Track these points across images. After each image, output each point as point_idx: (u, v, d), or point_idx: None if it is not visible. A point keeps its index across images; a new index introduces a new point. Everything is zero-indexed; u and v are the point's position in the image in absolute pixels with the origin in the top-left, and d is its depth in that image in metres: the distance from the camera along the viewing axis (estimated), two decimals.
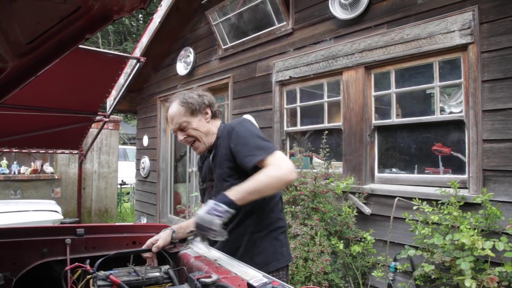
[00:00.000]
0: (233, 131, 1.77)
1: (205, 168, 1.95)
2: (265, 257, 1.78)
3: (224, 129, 1.87)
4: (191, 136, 1.85)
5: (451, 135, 3.14)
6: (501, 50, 2.66)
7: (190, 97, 1.85)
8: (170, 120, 1.88)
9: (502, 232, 2.48)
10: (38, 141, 4.77)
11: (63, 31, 1.05)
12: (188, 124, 1.83)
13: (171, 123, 1.87)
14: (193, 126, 1.83)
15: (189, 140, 1.86)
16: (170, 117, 1.87)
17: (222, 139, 1.85)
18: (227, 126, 1.86)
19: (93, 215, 8.28)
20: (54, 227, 1.72)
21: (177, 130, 1.87)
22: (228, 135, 1.79)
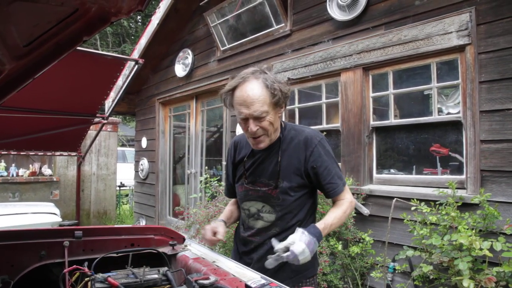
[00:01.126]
0: (314, 147, 1.65)
1: (256, 167, 1.72)
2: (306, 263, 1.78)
3: (290, 132, 1.71)
4: (264, 129, 1.58)
5: (449, 136, 3.14)
6: (498, 51, 2.67)
7: (278, 83, 1.58)
8: (246, 101, 1.54)
9: (500, 232, 2.49)
10: (36, 143, 4.77)
11: (61, 33, 1.05)
12: (267, 116, 1.56)
13: (246, 106, 1.54)
14: (271, 119, 1.58)
15: (258, 134, 1.59)
16: (249, 99, 1.54)
17: (288, 144, 1.68)
18: (295, 129, 1.73)
19: (92, 217, 8.27)
20: (52, 230, 1.72)
21: (251, 118, 1.56)
22: (304, 146, 1.66)
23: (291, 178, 1.66)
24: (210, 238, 1.69)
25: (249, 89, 1.55)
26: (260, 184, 1.71)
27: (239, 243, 1.90)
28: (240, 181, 1.79)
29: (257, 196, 1.72)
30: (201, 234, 1.74)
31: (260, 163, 1.71)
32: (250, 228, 1.79)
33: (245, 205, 1.79)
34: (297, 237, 1.47)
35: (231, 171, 1.89)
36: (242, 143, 1.83)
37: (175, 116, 6.96)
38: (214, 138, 6.50)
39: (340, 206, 1.69)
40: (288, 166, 1.66)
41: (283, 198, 1.67)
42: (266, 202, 1.71)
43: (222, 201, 3.82)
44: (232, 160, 1.87)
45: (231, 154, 1.88)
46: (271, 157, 1.69)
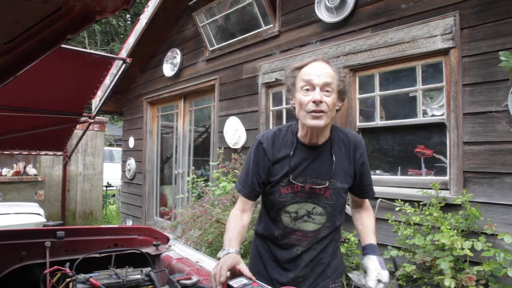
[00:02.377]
0: (363, 149, 1.68)
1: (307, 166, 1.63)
2: (337, 262, 1.81)
3: (337, 133, 1.68)
4: (327, 105, 1.51)
5: (433, 138, 3.19)
6: (481, 55, 2.71)
7: (346, 75, 1.68)
8: (316, 72, 1.52)
9: (481, 232, 2.53)
10: (20, 143, 4.70)
11: (44, 31, 1.04)
12: (332, 93, 1.52)
13: (316, 75, 1.52)
14: (334, 101, 1.53)
15: (321, 107, 1.50)
16: (319, 69, 1.53)
17: (338, 144, 1.66)
18: (340, 130, 1.71)
19: (78, 218, 8.18)
20: (34, 230, 1.70)
21: (319, 86, 1.51)
22: (353, 147, 1.66)
23: (344, 179, 1.65)
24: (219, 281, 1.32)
25: (321, 65, 1.56)
26: (312, 184, 1.62)
27: (274, 250, 1.72)
28: (284, 181, 1.63)
29: (307, 197, 1.63)
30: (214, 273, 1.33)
31: (311, 162, 1.62)
32: (295, 231, 1.67)
33: (292, 208, 1.65)
34: (378, 265, 1.52)
35: (265, 170, 1.66)
36: (279, 140, 1.68)
37: (163, 116, 6.93)
38: (202, 139, 6.49)
39: (372, 216, 1.79)
40: (341, 167, 1.63)
41: (335, 199, 1.64)
42: (317, 203, 1.64)
43: (208, 201, 3.82)
44: (269, 157, 1.65)
45: (267, 151, 1.66)
46: (323, 157, 1.63)
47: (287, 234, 1.68)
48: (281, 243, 1.70)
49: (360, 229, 1.75)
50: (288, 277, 1.68)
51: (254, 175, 1.67)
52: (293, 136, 1.66)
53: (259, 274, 1.68)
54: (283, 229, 1.68)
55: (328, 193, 1.62)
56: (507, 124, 2.58)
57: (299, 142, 1.64)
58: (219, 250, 3.77)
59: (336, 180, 1.62)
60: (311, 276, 1.69)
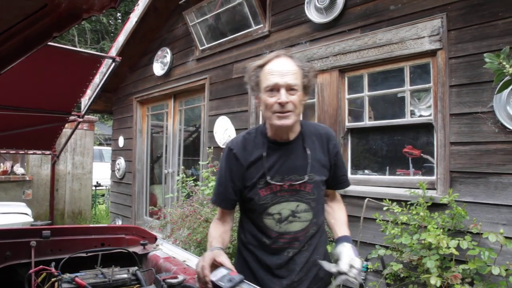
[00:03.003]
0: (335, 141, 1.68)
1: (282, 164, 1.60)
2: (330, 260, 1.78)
3: (308, 126, 1.68)
4: (293, 104, 1.51)
5: (421, 138, 3.22)
6: (467, 57, 2.75)
7: (310, 69, 1.58)
8: (280, 71, 1.51)
9: (467, 231, 2.57)
10: (8, 141, 4.64)
11: (29, 28, 1.03)
12: (298, 91, 1.52)
13: (280, 75, 1.50)
14: (299, 98, 1.53)
15: (287, 107, 1.50)
16: (283, 68, 1.51)
17: (310, 137, 1.64)
18: (310, 124, 1.72)
19: (66, 218, 8.10)
20: (19, 229, 1.69)
21: (283, 87, 1.49)
22: (326, 139, 1.66)
23: (321, 171, 1.62)
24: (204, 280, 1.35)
25: (284, 62, 1.53)
26: (291, 180, 1.57)
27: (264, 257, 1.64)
28: (261, 183, 1.58)
29: (289, 195, 1.58)
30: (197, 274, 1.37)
31: (286, 159, 1.59)
32: (283, 234, 1.60)
33: (274, 210, 1.59)
34: (352, 252, 1.48)
35: (238, 176, 1.62)
36: (249, 143, 1.64)
37: (153, 115, 6.90)
38: (192, 138, 6.48)
39: (343, 208, 1.78)
40: (317, 159, 1.62)
41: (317, 193, 1.61)
42: (300, 200, 1.59)
43: (197, 201, 3.81)
44: (242, 162, 1.61)
45: (238, 156, 1.62)
46: (297, 152, 1.60)
47: (274, 239, 1.60)
48: (270, 249, 1.62)
49: (332, 222, 1.71)
50: (283, 284, 1.60)
51: (228, 184, 1.63)
52: (263, 137, 1.63)
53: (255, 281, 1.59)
54: (269, 234, 1.61)
55: (309, 187, 1.59)
56: (492, 125, 2.62)
57: (270, 142, 1.61)
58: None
59: (314, 173, 1.60)
60: (305, 280, 1.62)
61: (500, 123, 2.57)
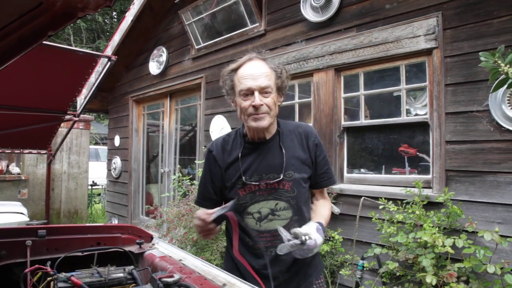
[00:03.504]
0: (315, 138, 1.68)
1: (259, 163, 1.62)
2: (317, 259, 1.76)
3: (285, 125, 1.70)
4: (268, 106, 1.54)
5: (417, 137, 3.23)
6: (463, 55, 2.76)
7: (283, 70, 1.62)
8: (252, 74, 1.54)
9: (462, 229, 2.58)
10: (3, 141, 4.62)
11: (23, 27, 1.02)
12: (272, 93, 1.56)
13: (252, 79, 1.53)
14: (274, 100, 1.57)
15: (262, 110, 1.54)
16: (255, 71, 1.54)
17: (287, 136, 1.66)
18: (289, 123, 1.73)
19: (62, 217, 8.08)
20: (14, 229, 1.68)
21: (257, 90, 1.53)
22: (305, 137, 1.67)
23: (301, 169, 1.63)
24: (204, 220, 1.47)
25: (256, 65, 1.57)
26: (268, 179, 1.59)
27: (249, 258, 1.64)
28: (239, 184, 1.61)
29: (267, 194, 1.60)
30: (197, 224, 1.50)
31: (262, 159, 1.62)
32: (263, 232, 1.61)
33: (253, 209, 1.62)
34: (314, 229, 1.44)
35: (218, 177, 1.68)
36: (229, 145, 1.69)
37: (149, 114, 6.88)
38: (188, 137, 6.47)
39: (327, 205, 1.73)
40: (296, 157, 1.63)
41: (297, 190, 1.61)
42: (279, 198, 1.60)
43: (193, 200, 3.81)
44: (220, 164, 1.67)
45: (217, 158, 1.68)
46: (273, 151, 1.63)
47: (256, 238, 1.61)
48: (254, 249, 1.63)
49: (312, 216, 1.68)
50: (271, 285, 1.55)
51: (209, 185, 1.70)
52: (241, 138, 1.68)
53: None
54: (250, 233, 1.62)
55: (287, 185, 1.60)
56: (488, 123, 2.63)
57: (247, 142, 1.65)
58: (204, 249, 3.76)
59: (292, 171, 1.61)
60: (295, 279, 1.64)
61: (496, 122, 2.58)
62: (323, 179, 1.71)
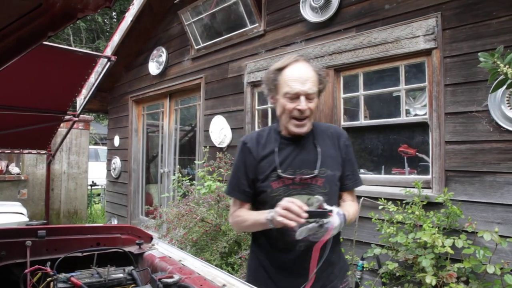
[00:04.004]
0: (345, 139, 1.71)
1: (294, 158, 1.64)
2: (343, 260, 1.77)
3: (318, 125, 1.74)
4: (311, 111, 1.58)
5: (416, 137, 3.23)
6: (462, 56, 2.76)
7: (324, 74, 1.65)
8: (301, 78, 1.57)
9: (462, 230, 2.58)
10: (3, 141, 4.62)
11: (23, 28, 1.02)
12: (315, 98, 1.60)
13: (300, 83, 1.56)
14: (316, 104, 1.61)
15: (306, 113, 1.58)
16: (305, 76, 1.57)
17: (320, 135, 1.69)
18: (321, 123, 1.78)
19: (62, 217, 8.07)
20: (14, 229, 1.68)
21: (303, 95, 1.56)
22: (336, 137, 1.70)
23: (335, 167, 1.66)
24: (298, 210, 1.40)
25: (304, 68, 1.59)
26: (302, 174, 1.61)
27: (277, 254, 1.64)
28: (273, 176, 1.62)
29: (300, 189, 1.61)
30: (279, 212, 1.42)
31: (297, 154, 1.64)
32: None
33: None
34: (336, 211, 1.43)
35: (251, 168, 1.68)
36: (263, 138, 1.71)
37: (149, 114, 6.88)
38: (188, 137, 6.47)
39: (354, 206, 1.71)
40: (329, 155, 1.65)
41: (330, 187, 1.62)
42: (311, 193, 1.60)
43: (193, 200, 3.81)
44: (254, 155, 1.67)
45: (252, 150, 1.69)
46: (308, 148, 1.66)
47: (285, 231, 1.55)
48: (282, 243, 1.61)
49: None
50: (298, 282, 1.55)
51: (243, 176, 1.69)
52: (276, 134, 1.70)
53: (264, 285, 1.61)
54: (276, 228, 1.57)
55: (320, 181, 1.61)
56: (487, 123, 2.64)
57: (283, 137, 1.67)
58: (203, 249, 3.75)
59: (326, 168, 1.62)
60: (320, 279, 1.60)
61: (495, 122, 2.58)
62: (350, 180, 1.72)
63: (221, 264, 3.39)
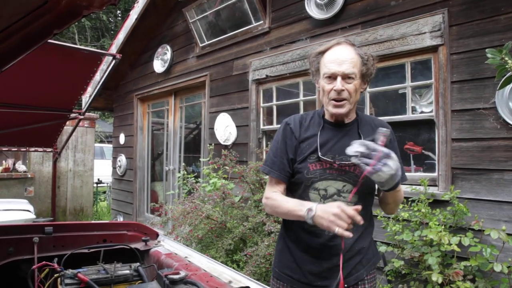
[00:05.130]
0: (391, 135, 1.64)
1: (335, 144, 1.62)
2: (372, 252, 1.73)
3: (364, 116, 1.73)
4: (349, 92, 1.56)
5: (422, 134, 3.22)
6: (469, 52, 2.74)
7: (370, 58, 1.61)
8: (338, 59, 1.56)
9: (469, 228, 2.57)
10: (9, 139, 4.65)
11: (29, 26, 1.02)
12: (355, 79, 1.56)
13: (337, 64, 1.56)
14: (356, 86, 1.57)
15: (343, 95, 1.56)
16: (341, 56, 1.57)
17: (365, 125, 1.67)
18: (367, 115, 1.76)
19: (68, 214, 8.12)
20: (22, 226, 1.69)
21: (339, 75, 1.55)
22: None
23: None
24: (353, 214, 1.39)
25: (343, 50, 1.58)
26: (341, 161, 1.58)
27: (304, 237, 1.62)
28: (312, 158, 1.61)
29: (337, 174, 1.59)
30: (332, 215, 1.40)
31: (339, 140, 1.63)
32: None
33: (320, 185, 1.60)
34: (396, 157, 1.42)
35: (292, 149, 1.67)
36: (306, 121, 1.70)
37: (154, 112, 6.90)
38: (193, 135, 6.48)
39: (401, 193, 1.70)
40: None
41: (366, 178, 1.55)
42: (347, 181, 1.58)
43: (198, 198, 3.82)
44: (297, 136, 1.67)
45: (294, 130, 1.68)
46: (351, 135, 1.63)
47: None
48: (311, 227, 1.54)
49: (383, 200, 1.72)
50: (323, 267, 1.56)
51: (283, 155, 1.67)
52: (319, 118, 1.68)
53: (288, 268, 1.63)
54: None
55: (358, 170, 1.57)
56: (494, 121, 2.62)
57: (326, 122, 1.66)
58: (209, 246, 3.76)
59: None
60: (347, 267, 1.57)
61: (502, 119, 2.56)
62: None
63: (226, 261, 3.40)
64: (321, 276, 1.56)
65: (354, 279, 1.60)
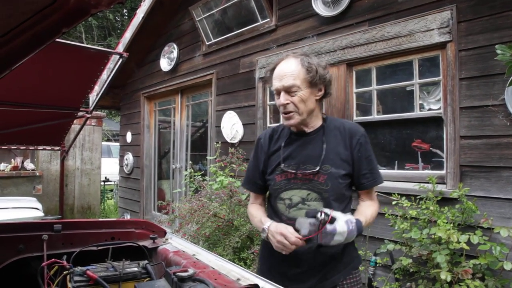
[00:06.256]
0: (360, 137, 1.67)
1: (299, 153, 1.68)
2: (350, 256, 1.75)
3: (332, 121, 1.73)
4: (294, 105, 1.60)
5: (430, 132, 3.19)
6: (478, 49, 2.71)
7: (316, 64, 1.63)
8: (279, 75, 1.62)
9: (478, 226, 2.55)
10: (18, 137, 4.69)
11: (38, 25, 1.03)
12: (298, 91, 1.60)
13: (279, 79, 1.62)
14: (303, 96, 1.60)
15: (288, 108, 1.61)
16: (282, 71, 1.62)
17: (331, 131, 1.69)
18: (337, 120, 1.77)
19: (76, 212, 8.19)
20: (31, 223, 1.70)
21: (282, 90, 1.61)
22: (349, 135, 1.68)
23: (339, 165, 1.64)
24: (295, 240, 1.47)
25: (285, 64, 1.64)
26: (305, 170, 1.64)
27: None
28: (278, 170, 1.69)
29: (301, 183, 1.64)
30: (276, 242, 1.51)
31: (302, 150, 1.68)
32: (291, 219, 1.60)
33: (286, 195, 1.67)
34: (343, 218, 1.44)
35: (262, 162, 1.78)
36: (277, 134, 1.79)
37: (160, 110, 6.92)
38: (199, 133, 6.49)
39: (372, 206, 1.72)
40: (335, 153, 1.65)
41: (331, 185, 1.61)
42: (312, 189, 1.63)
43: (205, 196, 3.82)
44: (265, 150, 1.77)
45: (263, 145, 1.79)
46: (315, 144, 1.67)
47: (284, 224, 1.59)
48: None
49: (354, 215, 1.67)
50: (295, 272, 1.66)
51: (255, 169, 1.81)
52: (288, 129, 1.76)
53: (272, 268, 1.72)
54: (281, 218, 1.67)
55: (322, 178, 1.62)
56: (503, 118, 2.59)
57: (292, 133, 1.73)
58: (216, 244, 3.76)
59: (329, 165, 1.63)
60: (320, 271, 1.64)
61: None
62: (368, 179, 1.70)
63: (233, 259, 3.40)
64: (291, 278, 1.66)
65: (329, 283, 1.66)
